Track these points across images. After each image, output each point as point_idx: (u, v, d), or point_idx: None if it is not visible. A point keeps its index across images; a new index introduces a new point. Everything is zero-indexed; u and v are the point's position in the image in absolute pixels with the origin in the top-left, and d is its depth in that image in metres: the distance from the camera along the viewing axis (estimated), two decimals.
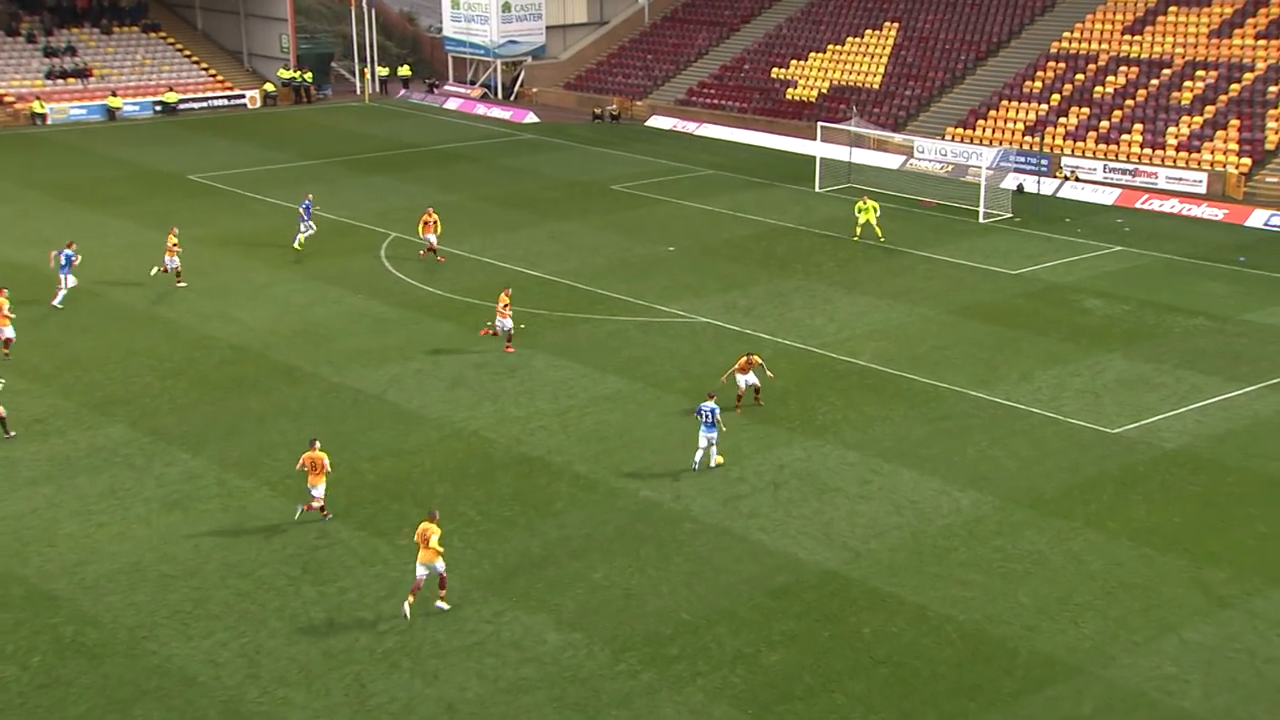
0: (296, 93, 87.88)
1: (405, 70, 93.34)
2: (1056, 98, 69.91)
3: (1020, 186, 62.34)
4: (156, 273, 47.44)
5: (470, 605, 26.99)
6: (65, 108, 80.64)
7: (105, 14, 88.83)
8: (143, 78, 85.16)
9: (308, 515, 30.44)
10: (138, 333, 43.01)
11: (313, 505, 30.35)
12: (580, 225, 57.10)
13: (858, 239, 53.98)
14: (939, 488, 32.37)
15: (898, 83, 76.40)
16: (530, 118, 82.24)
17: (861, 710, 23.85)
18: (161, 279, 47.43)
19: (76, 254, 46.05)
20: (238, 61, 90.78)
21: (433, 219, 51.12)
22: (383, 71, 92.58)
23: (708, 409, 32.89)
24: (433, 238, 50.82)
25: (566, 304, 45.99)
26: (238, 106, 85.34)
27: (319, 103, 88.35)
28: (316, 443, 30.65)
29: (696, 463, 33.20)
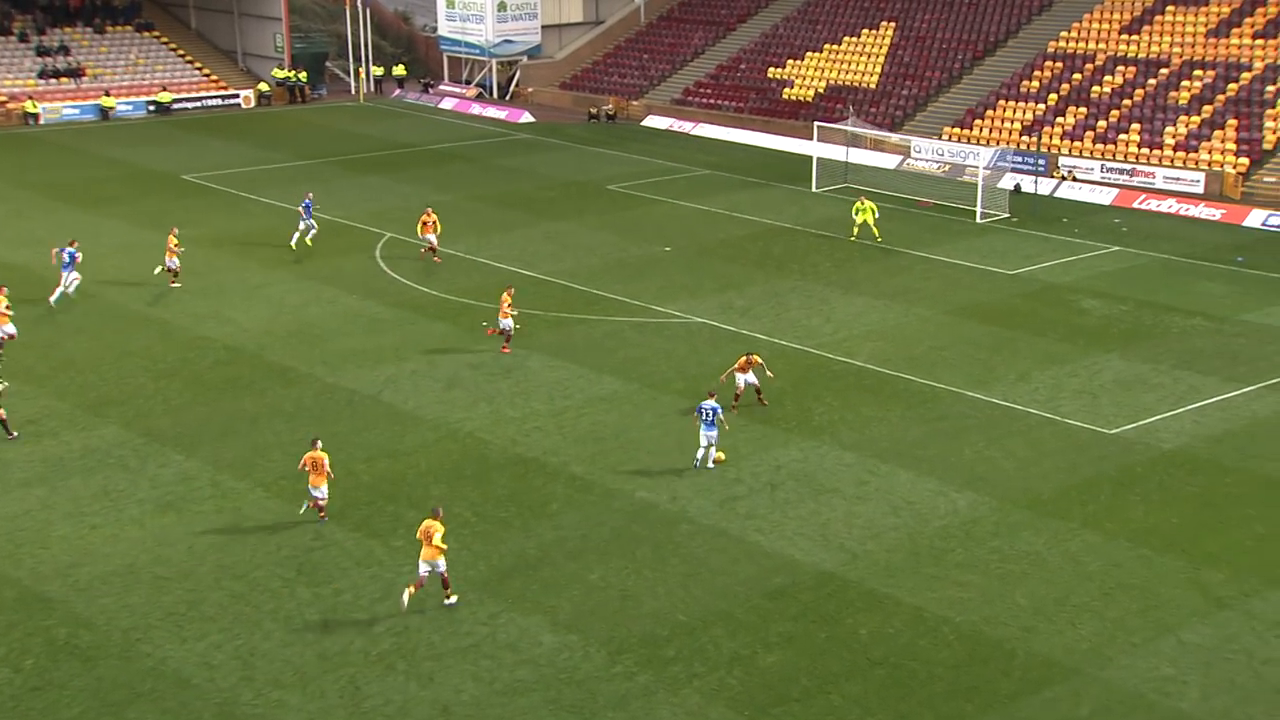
0: (291, 92, 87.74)
1: (400, 70, 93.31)
2: (1054, 97, 69.86)
3: (1017, 186, 62.26)
4: (160, 271, 47.40)
5: (466, 607, 26.90)
6: (58, 107, 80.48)
7: (98, 13, 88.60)
8: (136, 77, 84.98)
9: (311, 511, 30.38)
10: (132, 333, 42.89)
11: (318, 501, 30.31)
12: (576, 225, 57.00)
13: (854, 239, 53.91)
14: (936, 488, 32.30)
15: (894, 82, 76.33)
16: (526, 117, 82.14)
17: (858, 712, 23.77)
18: (160, 278, 47.35)
19: (78, 252, 45.93)
20: (232, 61, 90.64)
21: (432, 219, 51.00)
22: (377, 71, 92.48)
23: (708, 407, 32.82)
24: (432, 238, 50.71)
25: (562, 304, 45.89)
26: (232, 106, 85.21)
27: (313, 102, 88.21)
28: (318, 442, 30.57)
29: (698, 460, 33.15)
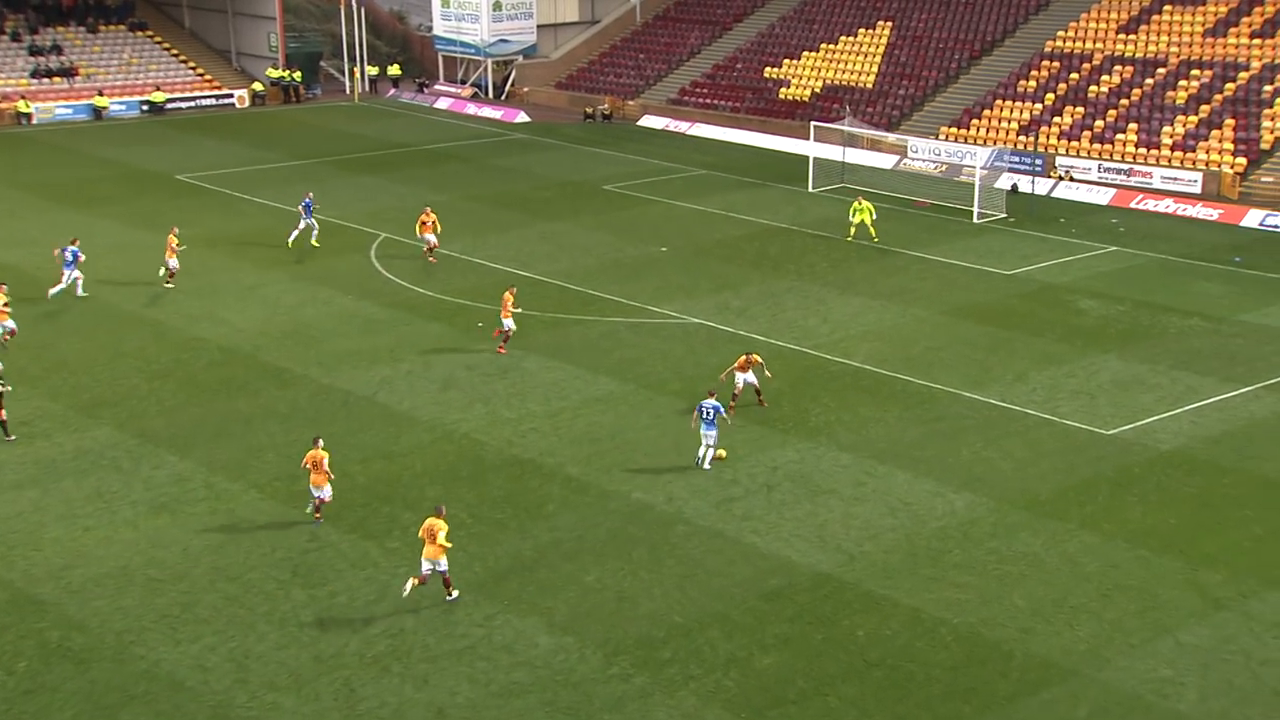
0: (285, 92, 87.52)
1: (395, 69, 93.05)
2: (1051, 97, 69.76)
3: (1014, 186, 62.14)
4: (164, 274, 47.27)
5: (461, 608, 26.82)
6: (51, 107, 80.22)
7: (91, 12, 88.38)
8: (129, 77, 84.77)
9: (314, 511, 30.42)
10: (126, 334, 42.75)
11: (319, 501, 30.33)
12: (572, 225, 56.88)
13: (851, 239, 53.81)
14: (933, 489, 32.20)
15: (891, 82, 76.23)
16: (521, 117, 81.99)
17: (855, 714, 23.68)
18: (164, 279, 47.17)
19: (80, 250, 45.82)
20: (226, 60, 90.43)
21: (431, 219, 50.83)
22: (372, 71, 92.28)
23: (709, 406, 32.74)
24: (431, 237, 50.56)
25: (558, 305, 45.76)
26: (226, 106, 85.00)
27: (308, 102, 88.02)
28: (319, 441, 30.56)
29: (700, 460, 33.09)
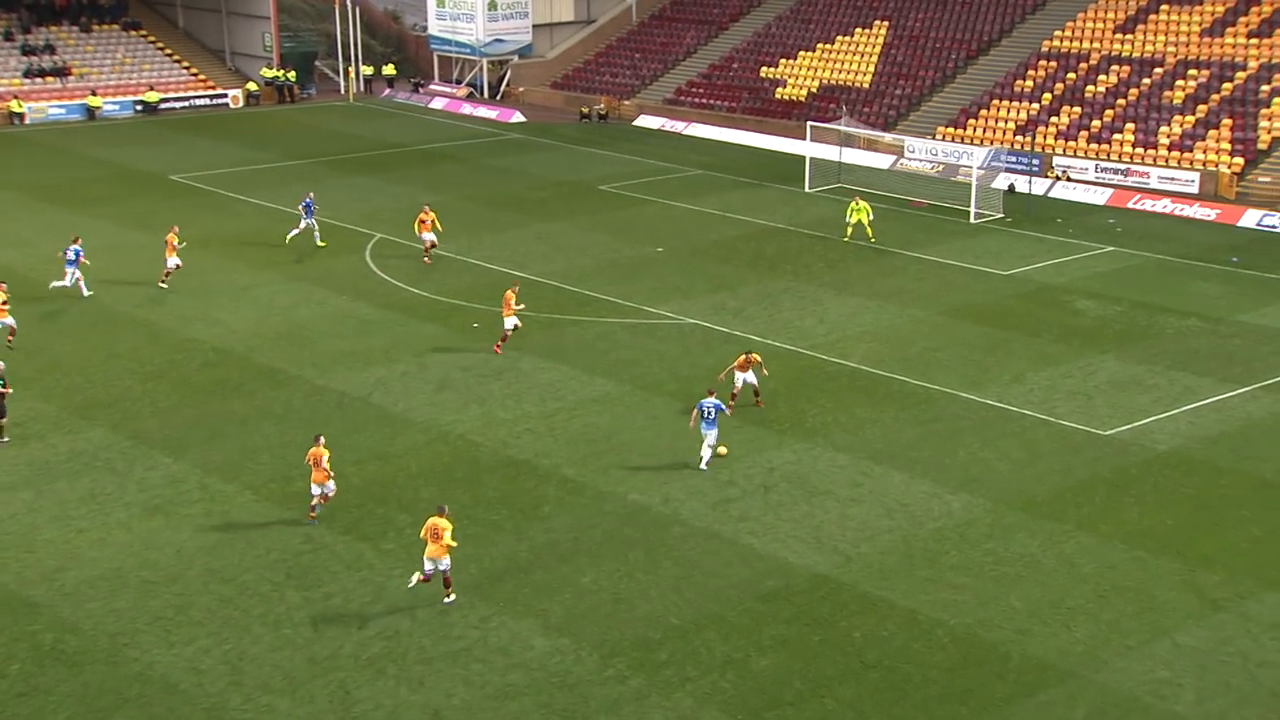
0: (280, 92, 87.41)
1: (390, 69, 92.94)
2: (1048, 97, 69.72)
3: (1011, 186, 62.11)
4: (169, 274, 47.15)
5: (457, 610, 26.73)
6: (44, 107, 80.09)
7: (85, 12, 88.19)
8: (123, 76, 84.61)
9: (320, 507, 30.44)
10: (119, 335, 42.62)
11: (328, 496, 30.37)
12: (568, 226, 56.79)
13: (848, 240, 53.74)
14: (930, 490, 32.12)
15: (888, 82, 76.19)
16: (517, 117, 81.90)
17: (852, 715, 23.61)
18: (169, 280, 47.02)
19: (82, 249, 45.71)
20: (220, 60, 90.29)
21: (430, 217, 50.67)
22: (367, 70, 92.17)
23: (710, 404, 32.66)
24: (430, 236, 50.42)
25: (554, 306, 45.65)
26: (220, 106, 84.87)
27: (302, 102, 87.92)
28: (321, 439, 30.55)
29: (701, 460, 32.99)
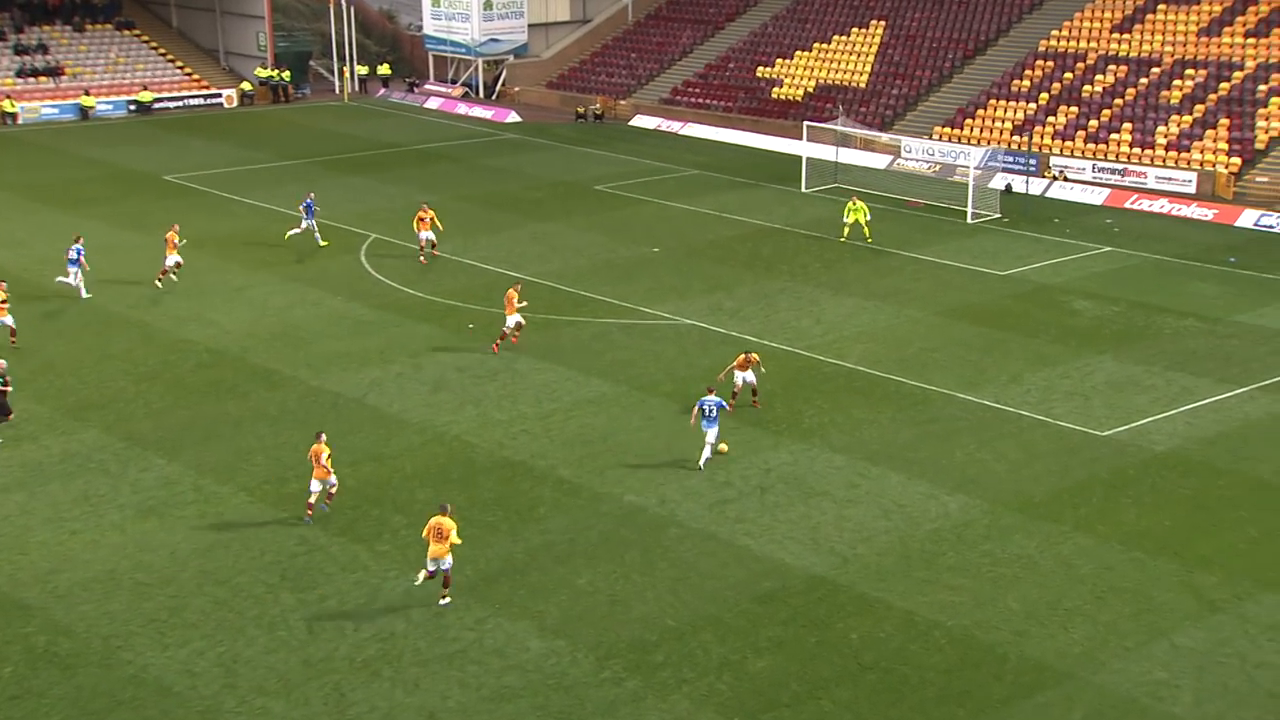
0: (274, 92, 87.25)
1: (385, 69, 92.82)
2: (1045, 97, 69.67)
3: (1008, 186, 62.08)
4: (173, 275, 47.02)
5: (452, 612, 26.65)
6: (36, 106, 79.91)
7: (78, 11, 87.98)
8: (116, 76, 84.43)
9: (329, 503, 30.45)
10: (113, 336, 42.49)
11: (332, 493, 30.35)
12: (563, 226, 56.70)
13: (844, 240, 53.66)
14: (927, 491, 32.04)
15: (884, 81, 76.13)
16: (512, 117, 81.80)
17: (849, 717, 23.53)
18: (175, 281, 46.90)
19: (83, 249, 45.69)
20: (214, 60, 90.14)
21: (428, 215, 50.53)
22: (362, 70, 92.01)
23: (710, 403, 32.57)
24: (429, 235, 50.28)
25: (550, 306, 45.54)
26: (214, 106, 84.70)
27: (297, 102, 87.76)
28: (322, 435, 30.54)
29: (701, 461, 32.90)
